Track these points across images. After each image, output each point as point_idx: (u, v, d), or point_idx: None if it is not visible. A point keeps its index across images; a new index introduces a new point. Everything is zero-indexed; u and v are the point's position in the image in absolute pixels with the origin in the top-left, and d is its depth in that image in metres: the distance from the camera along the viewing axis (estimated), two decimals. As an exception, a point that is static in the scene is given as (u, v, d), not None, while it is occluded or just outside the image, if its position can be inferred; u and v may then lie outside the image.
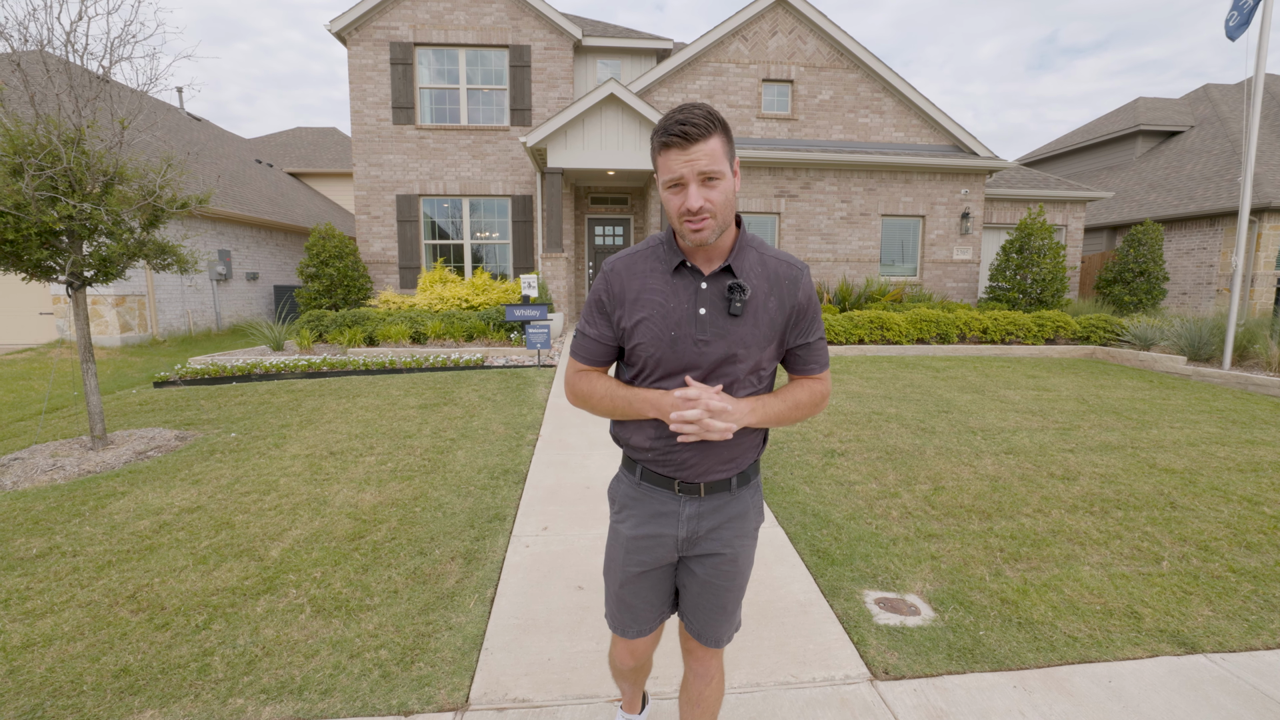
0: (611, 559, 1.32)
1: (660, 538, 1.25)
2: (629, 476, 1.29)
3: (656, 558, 1.27)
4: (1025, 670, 2.02)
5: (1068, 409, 5.44)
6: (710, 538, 1.25)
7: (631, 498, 1.27)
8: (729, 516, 1.25)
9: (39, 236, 3.86)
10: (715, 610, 1.29)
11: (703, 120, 1.02)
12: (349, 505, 3.26)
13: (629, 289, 1.16)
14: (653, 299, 1.14)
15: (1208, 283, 13.04)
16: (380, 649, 2.08)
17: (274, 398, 5.81)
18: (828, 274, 11.56)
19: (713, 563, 1.27)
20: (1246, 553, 2.79)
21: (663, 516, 1.24)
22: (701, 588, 1.28)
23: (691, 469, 1.20)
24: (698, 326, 1.13)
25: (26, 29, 3.97)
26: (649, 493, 1.25)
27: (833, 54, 11.33)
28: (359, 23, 10.99)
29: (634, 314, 1.15)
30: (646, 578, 1.29)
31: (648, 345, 1.15)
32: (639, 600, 1.30)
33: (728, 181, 1.07)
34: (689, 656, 1.38)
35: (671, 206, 1.08)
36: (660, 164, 1.07)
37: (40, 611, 2.29)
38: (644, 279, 1.16)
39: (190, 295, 11.05)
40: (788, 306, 1.16)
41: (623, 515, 1.29)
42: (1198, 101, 16.91)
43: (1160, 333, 8.20)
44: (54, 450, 4.22)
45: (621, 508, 1.30)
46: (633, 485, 1.27)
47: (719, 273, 1.14)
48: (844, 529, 3.00)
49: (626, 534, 1.27)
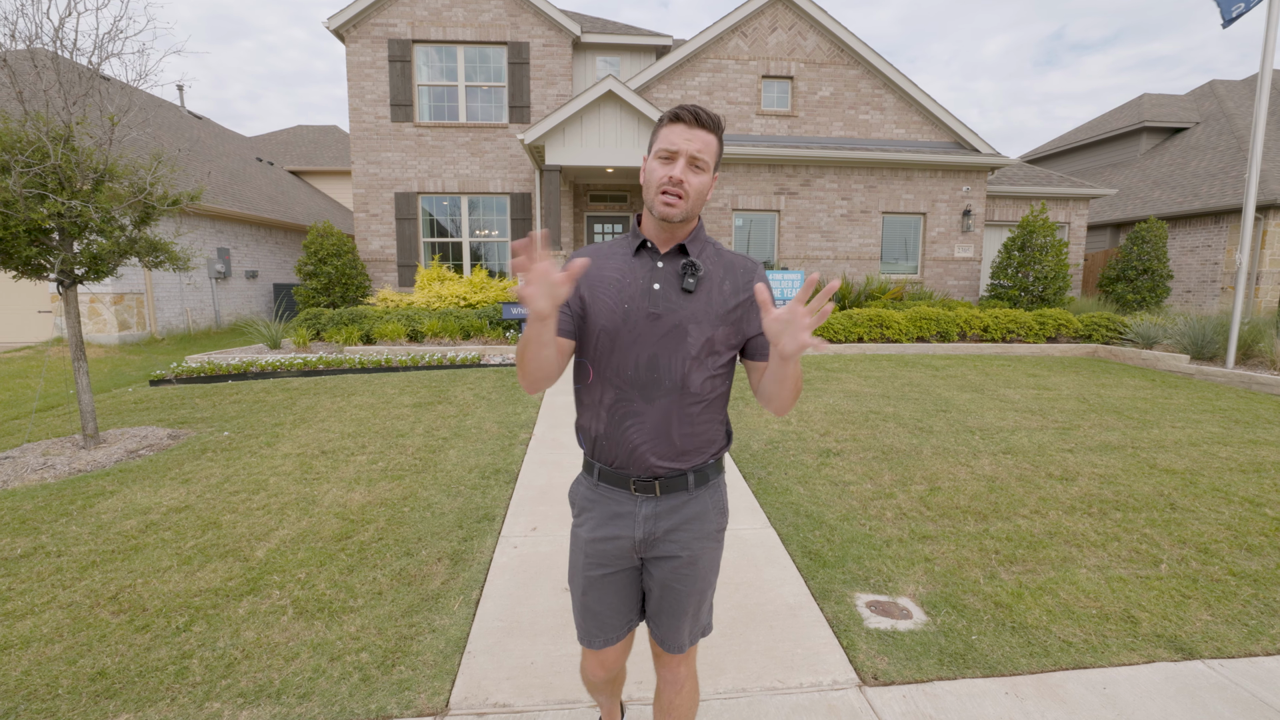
0: (574, 565, 1.31)
1: (617, 540, 1.24)
2: (587, 479, 1.29)
3: (615, 561, 1.26)
4: (1018, 676, 1.97)
5: (1068, 408, 5.38)
6: (668, 539, 1.23)
7: (589, 500, 1.27)
8: (686, 518, 1.23)
9: (28, 234, 3.83)
10: (675, 614, 1.27)
11: (711, 116, 1.13)
12: (338, 505, 3.23)
13: (591, 265, 1.21)
14: (612, 276, 1.21)
15: (1212, 280, 12.93)
16: (361, 652, 2.05)
17: (269, 396, 5.79)
18: (828, 272, 11.49)
19: (671, 565, 1.24)
20: (1247, 555, 2.74)
21: (619, 518, 1.23)
22: (662, 591, 1.27)
23: (638, 457, 1.18)
24: (650, 300, 1.18)
25: (15, 25, 3.95)
26: (606, 494, 1.25)
27: (833, 50, 11.25)
28: (357, 19, 10.94)
29: (593, 289, 1.20)
30: (609, 582, 1.27)
31: (602, 315, 1.18)
32: (603, 606, 1.28)
33: (708, 177, 1.16)
34: (658, 662, 1.37)
35: (655, 175, 1.14)
36: (661, 135, 1.14)
37: (20, 613, 2.26)
38: (607, 260, 1.23)
39: (189, 293, 11.04)
40: (742, 294, 1.21)
41: (582, 519, 1.29)
42: (1203, 97, 16.76)
43: (1163, 331, 8.12)
44: (46, 449, 4.21)
45: (580, 510, 1.30)
46: (590, 487, 1.28)
47: (674, 252, 1.21)
48: (837, 530, 2.96)
49: (585, 537, 1.27)
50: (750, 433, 4.56)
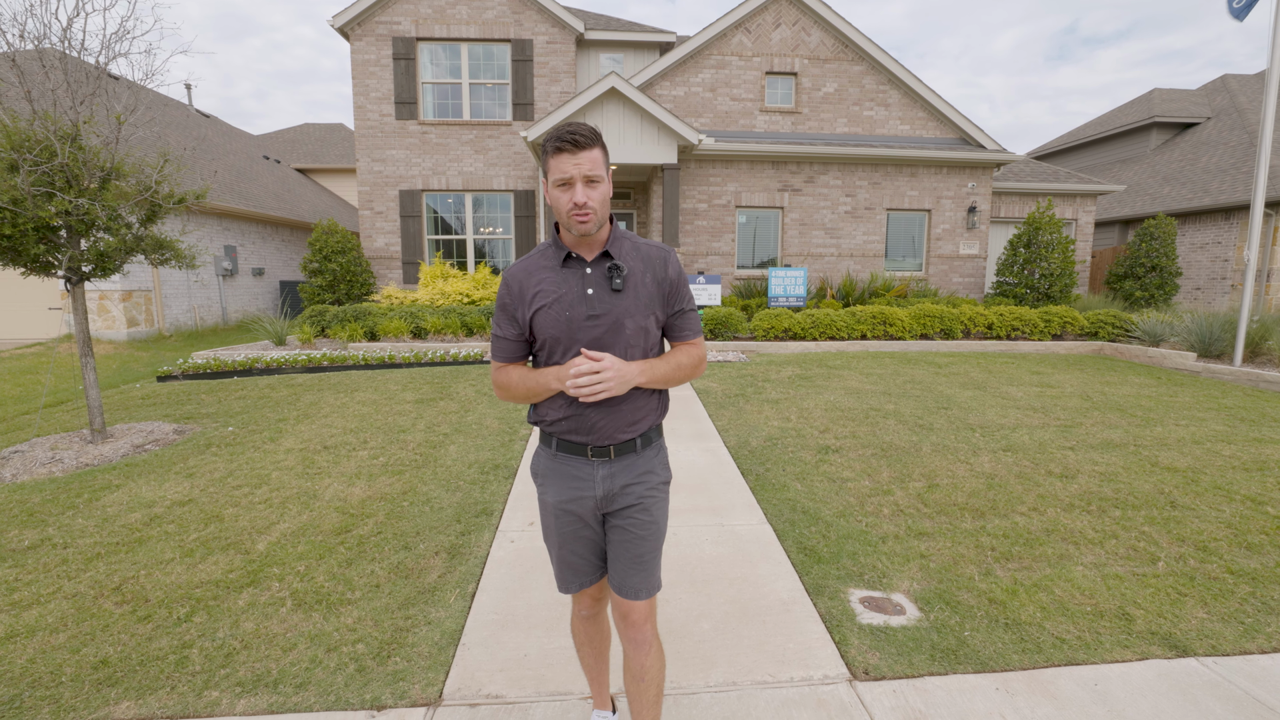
0: (546, 527, 1.49)
1: (581, 499, 1.41)
2: (546, 450, 1.45)
3: (582, 519, 1.44)
4: (1009, 672, 1.98)
5: (1071, 406, 5.35)
6: (625, 493, 1.41)
7: (550, 469, 1.43)
8: (638, 473, 1.42)
9: (36, 232, 3.89)
10: (633, 561, 1.42)
11: (588, 134, 1.26)
12: (338, 499, 3.27)
13: (526, 288, 1.35)
14: (547, 290, 1.34)
15: (1222, 278, 12.79)
16: (358, 643, 2.08)
17: (273, 392, 5.84)
18: (831, 269, 11.45)
19: (629, 514, 1.42)
20: (1246, 554, 2.72)
21: (579, 480, 1.40)
22: (622, 538, 1.43)
23: (600, 432, 1.37)
24: (587, 305, 1.34)
25: (24, 25, 4.00)
26: (565, 462, 1.42)
27: (837, 46, 11.18)
28: (361, 18, 10.99)
29: (533, 306, 1.34)
30: (579, 537, 1.46)
31: (547, 327, 1.34)
32: (577, 558, 1.48)
33: (605, 185, 1.31)
34: (623, 624, 1.46)
35: (561, 203, 1.29)
36: (552, 166, 1.27)
37: (26, 603, 2.31)
38: (538, 276, 1.36)
39: (197, 290, 11.15)
40: (661, 281, 1.40)
41: (545, 486, 1.45)
42: (1215, 92, 16.54)
43: (1170, 328, 8.04)
44: (54, 443, 4.27)
45: (543, 479, 1.45)
46: (550, 457, 1.44)
47: (599, 259, 1.36)
48: (833, 526, 2.97)
49: (552, 501, 1.44)
50: (749, 430, 4.57)
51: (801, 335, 8.47)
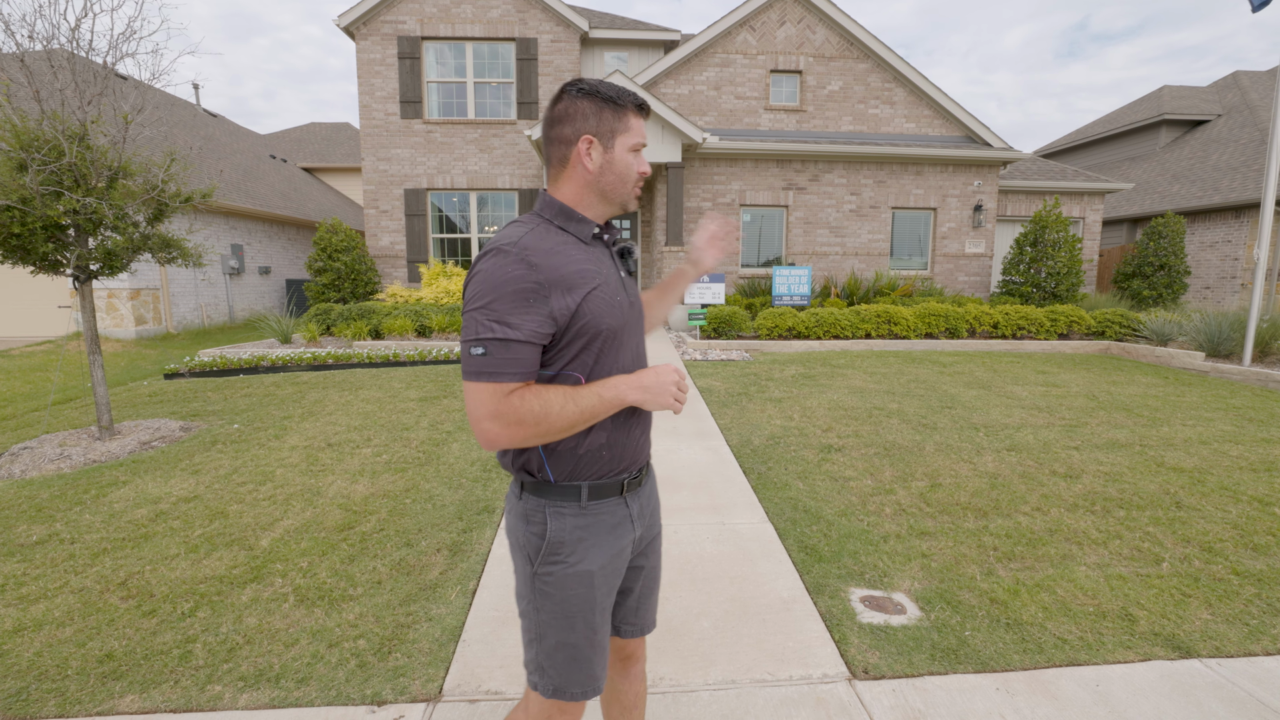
0: (579, 611, 1.07)
1: (623, 553, 1.13)
2: (570, 507, 1.06)
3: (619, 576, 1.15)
4: (1010, 672, 1.97)
5: (1076, 405, 5.31)
6: (652, 523, 1.23)
7: (583, 528, 1.07)
8: (650, 491, 1.23)
9: (44, 230, 3.93)
10: (654, 591, 1.28)
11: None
12: (341, 496, 3.29)
13: (562, 265, 0.99)
14: (587, 268, 1.03)
15: (1232, 276, 12.66)
16: (359, 639, 2.09)
17: (279, 390, 5.88)
18: (836, 267, 11.42)
19: (654, 546, 1.25)
20: (1252, 555, 2.70)
21: (620, 529, 1.11)
22: (649, 576, 1.25)
23: (640, 454, 1.14)
24: (626, 289, 1.13)
25: (33, 25, 4.04)
26: (599, 512, 1.09)
27: (842, 44, 11.13)
28: (366, 17, 11.03)
29: (578, 289, 0.99)
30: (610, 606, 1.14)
31: (604, 317, 1.02)
32: (605, 633, 1.13)
33: None
34: (628, 663, 1.30)
35: (633, 170, 1.09)
36: (632, 126, 1.07)
37: (34, 597, 2.34)
38: (566, 252, 1.02)
39: (204, 289, 11.23)
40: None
41: (579, 555, 1.06)
42: (1226, 89, 16.36)
43: (1178, 328, 7.97)
44: (63, 440, 4.32)
45: (573, 548, 1.06)
46: (578, 514, 1.07)
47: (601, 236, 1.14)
48: (835, 525, 2.96)
49: (595, 569, 1.07)
50: (752, 428, 4.56)
51: (805, 334, 8.45)
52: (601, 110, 1.04)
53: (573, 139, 1.05)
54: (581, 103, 1.04)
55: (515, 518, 1.10)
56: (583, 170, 1.06)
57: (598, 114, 1.04)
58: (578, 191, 1.08)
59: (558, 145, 1.06)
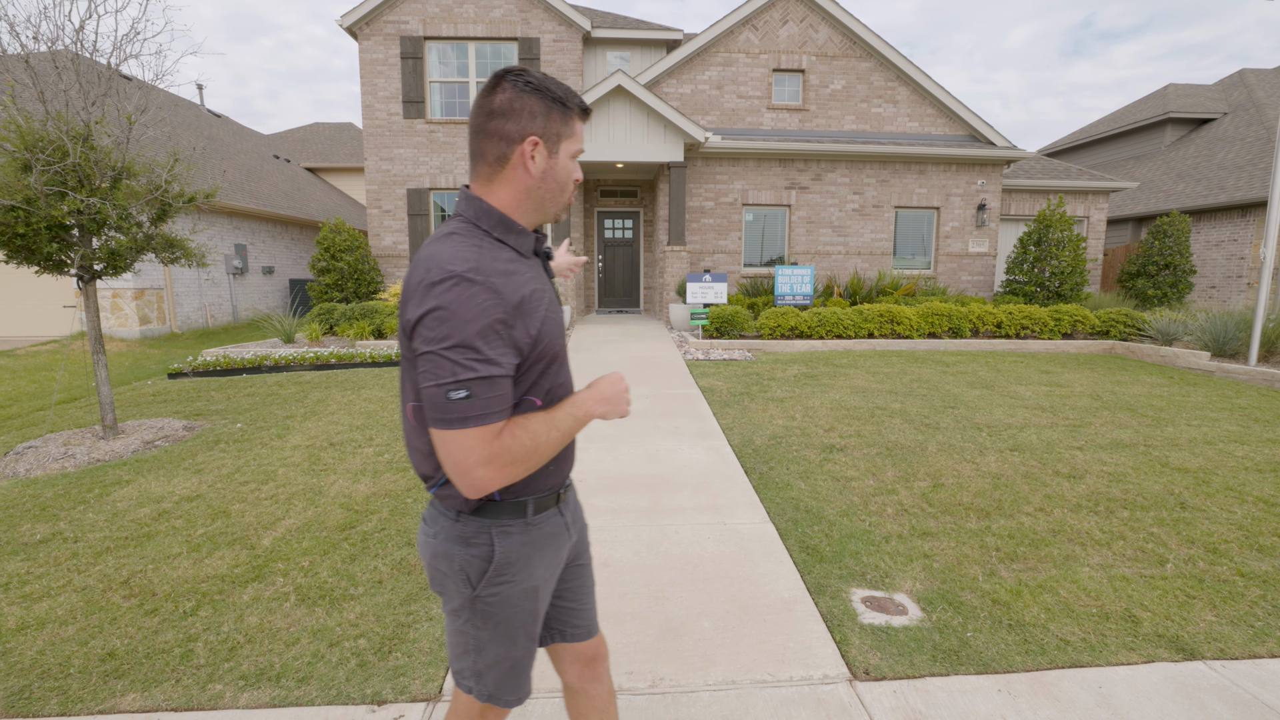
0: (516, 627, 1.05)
1: (561, 560, 1.13)
2: (518, 523, 1.03)
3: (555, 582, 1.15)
4: (1012, 674, 1.96)
5: (1080, 405, 5.29)
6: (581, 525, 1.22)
7: (527, 544, 1.04)
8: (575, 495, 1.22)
9: (49, 230, 3.95)
10: (590, 590, 1.25)
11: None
12: (343, 496, 3.29)
13: (518, 290, 0.92)
14: (536, 288, 0.97)
15: (1238, 276, 12.58)
16: (360, 638, 2.09)
17: (281, 389, 5.90)
18: (839, 267, 11.39)
19: (586, 545, 1.24)
20: (1258, 556, 2.68)
21: (558, 538, 1.10)
22: (581, 578, 1.23)
23: (573, 460, 1.13)
24: (560, 303, 1.10)
25: (38, 27, 4.05)
26: (541, 524, 1.06)
27: (845, 42, 11.10)
28: (369, 17, 11.05)
29: (535, 314, 0.95)
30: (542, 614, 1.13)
31: (554, 339, 1.00)
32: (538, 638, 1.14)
33: None
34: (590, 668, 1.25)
35: (571, 178, 1.02)
36: (576, 131, 1.00)
37: (37, 595, 2.35)
38: (518, 272, 0.95)
39: (208, 289, 11.28)
40: None
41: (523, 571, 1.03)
42: (1232, 87, 16.26)
43: (1183, 327, 7.93)
44: (67, 439, 4.34)
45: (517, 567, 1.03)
46: (524, 530, 1.03)
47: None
48: (836, 526, 2.95)
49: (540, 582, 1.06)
50: (754, 428, 4.55)
51: (808, 334, 8.44)
52: (550, 110, 0.96)
53: (516, 138, 0.95)
54: (529, 99, 0.94)
55: (448, 542, 1.01)
56: (523, 174, 0.97)
57: (546, 114, 0.96)
58: (514, 197, 0.99)
59: (495, 141, 0.95)
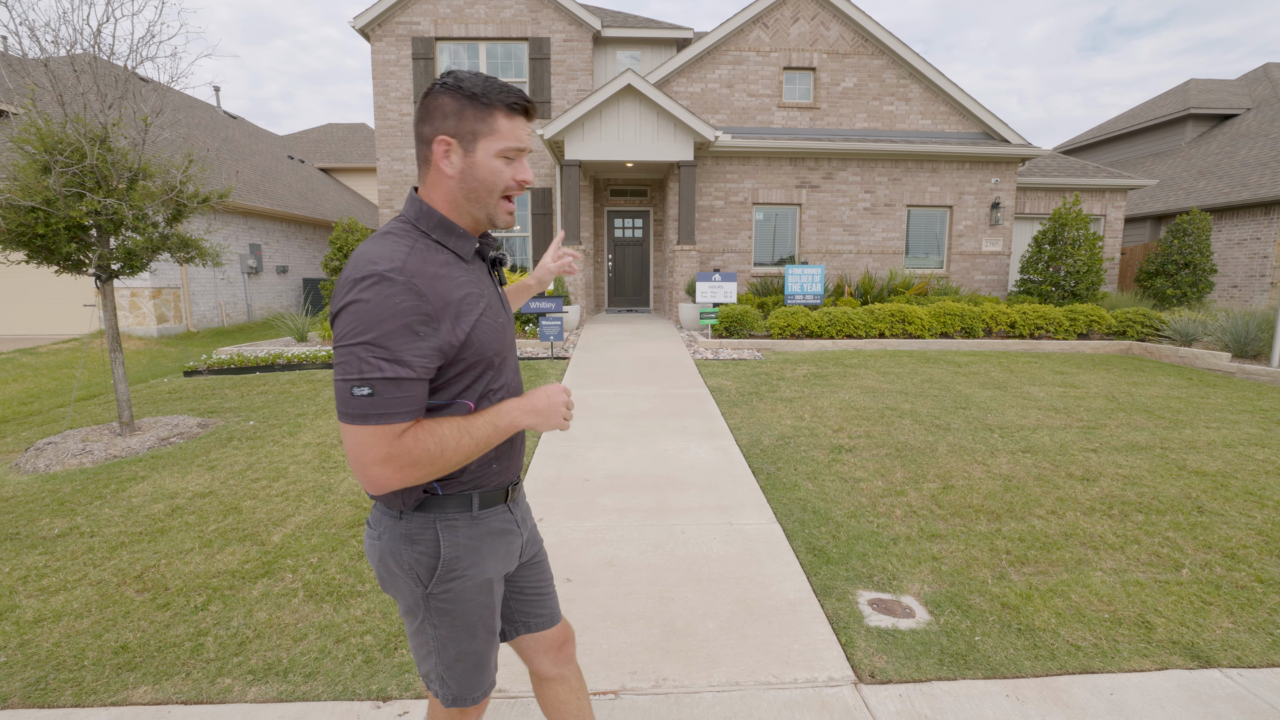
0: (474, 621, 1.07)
1: (513, 555, 1.14)
2: (464, 516, 1.04)
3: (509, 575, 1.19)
4: (1020, 679, 1.93)
5: (1095, 407, 5.20)
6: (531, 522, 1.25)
7: (474, 537, 1.05)
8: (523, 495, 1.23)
9: (67, 231, 4.03)
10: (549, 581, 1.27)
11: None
12: (352, 493, 3.32)
13: (447, 290, 0.92)
14: (472, 291, 0.97)
15: (1261, 275, 12.30)
16: (366, 635, 2.11)
17: (294, 387, 5.97)
18: (850, 266, 11.30)
19: (534, 542, 1.25)
20: (1277, 562, 2.61)
21: (509, 534, 1.12)
22: (538, 570, 1.25)
23: (521, 459, 1.15)
24: (505, 307, 1.10)
25: (57, 31, 4.14)
26: (488, 520, 1.07)
27: (856, 40, 11.01)
28: (381, 18, 11.14)
29: (466, 317, 0.94)
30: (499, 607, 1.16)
31: (489, 343, 0.99)
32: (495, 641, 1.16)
33: None
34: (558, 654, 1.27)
35: (500, 177, 0.98)
36: (505, 128, 0.96)
37: (54, 589, 2.40)
38: (449, 272, 0.95)
39: (223, 288, 11.44)
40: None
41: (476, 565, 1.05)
42: (1256, 82, 15.90)
43: (1203, 327, 7.77)
44: (85, 435, 4.42)
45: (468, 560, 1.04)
46: (470, 524, 1.04)
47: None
48: (843, 527, 2.93)
49: (494, 575, 1.08)
50: (762, 428, 4.53)
51: (818, 333, 8.38)
52: (463, 109, 0.93)
53: (429, 139, 0.96)
54: (442, 98, 0.94)
55: (395, 540, 1.01)
56: (441, 175, 0.97)
57: (458, 113, 0.94)
58: (445, 199, 0.99)
59: (419, 143, 0.98)
